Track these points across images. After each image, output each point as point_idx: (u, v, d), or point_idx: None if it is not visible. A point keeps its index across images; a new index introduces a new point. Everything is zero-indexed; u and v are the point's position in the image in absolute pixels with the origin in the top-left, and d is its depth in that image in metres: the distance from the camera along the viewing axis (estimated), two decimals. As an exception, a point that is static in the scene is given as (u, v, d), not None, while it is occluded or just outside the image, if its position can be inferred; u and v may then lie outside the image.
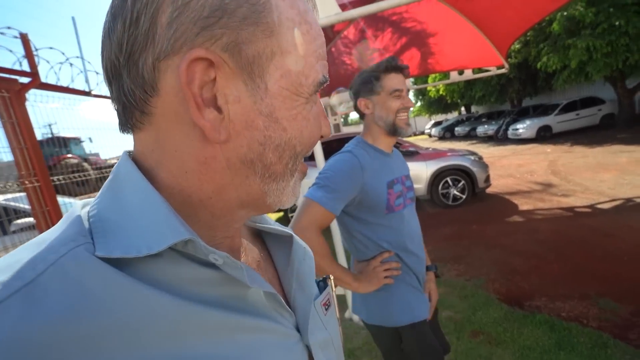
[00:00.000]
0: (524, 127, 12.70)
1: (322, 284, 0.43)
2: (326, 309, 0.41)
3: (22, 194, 2.14)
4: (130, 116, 0.28)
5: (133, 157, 0.30)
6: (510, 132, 13.54)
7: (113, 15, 0.26)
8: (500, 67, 5.74)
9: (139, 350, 0.23)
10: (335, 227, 2.28)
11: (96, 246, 0.24)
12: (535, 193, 5.45)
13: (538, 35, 11.49)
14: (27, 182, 2.01)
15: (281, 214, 5.47)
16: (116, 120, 0.30)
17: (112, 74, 0.27)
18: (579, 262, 2.95)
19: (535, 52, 11.62)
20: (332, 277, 0.45)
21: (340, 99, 6.57)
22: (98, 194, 0.29)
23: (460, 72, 5.95)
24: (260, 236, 0.42)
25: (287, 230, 0.41)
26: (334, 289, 0.45)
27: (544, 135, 12.23)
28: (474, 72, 5.93)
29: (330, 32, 4.88)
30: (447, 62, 5.87)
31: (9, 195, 2.43)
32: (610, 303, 2.30)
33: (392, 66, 1.02)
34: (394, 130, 1.05)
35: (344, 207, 1.00)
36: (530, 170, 7.37)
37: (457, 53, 5.71)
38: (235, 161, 0.28)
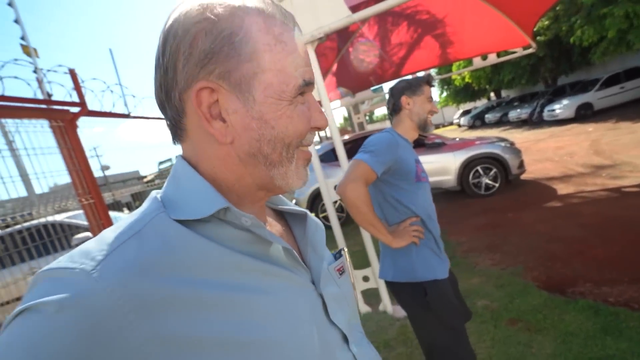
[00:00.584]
0: (561, 107, 11.94)
1: (338, 255, 0.53)
2: (340, 274, 0.50)
3: (79, 212, 2.40)
4: (175, 133, 0.40)
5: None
6: (546, 113, 12.77)
7: (155, 68, 0.38)
8: (527, 47, 5.49)
9: (200, 275, 0.34)
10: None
11: (169, 214, 0.36)
12: (576, 176, 5.15)
13: (568, 9, 10.80)
14: (83, 199, 2.25)
15: (312, 214, 5.58)
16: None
17: (161, 106, 0.40)
18: (627, 244, 2.77)
19: (567, 27, 10.92)
20: (345, 250, 0.54)
21: (364, 97, 6.60)
22: (165, 184, 0.41)
23: (484, 57, 5.74)
24: (283, 216, 0.52)
25: (302, 210, 0.51)
26: (348, 260, 0.53)
27: (585, 114, 11.41)
28: (498, 55, 5.71)
29: (340, 36, 4.93)
30: (468, 49, 5.71)
31: (70, 213, 2.74)
32: (663, 285, 2.16)
33: (431, 82, 1.36)
34: (423, 126, 1.34)
35: (382, 173, 1.21)
36: (570, 152, 6.95)
37: (478, 38, 5.52)
38: (244, 156, 0.38)
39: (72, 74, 2.36)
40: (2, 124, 2.08)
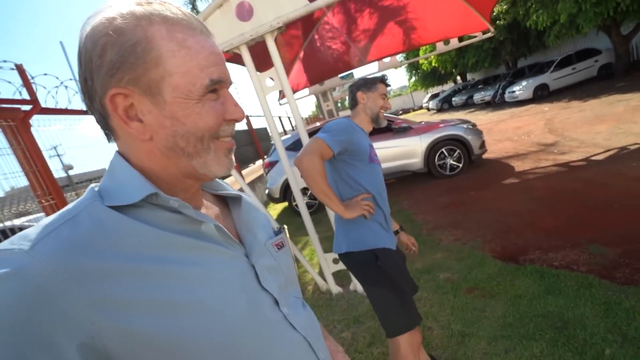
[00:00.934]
0: (520, 89, 12.58)
1: (278, 231, 0.59)
2: (279, 249, 0.57)
3: (41, 214, 2.31)
4: (106, 132, 0.45)
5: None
6: (507, 95, 13.41)
7: (78, 77, 0.42)
8: (486, 31, 5.72)
9: (133, 250, 0.39)
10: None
11: (104, 202, 0.41)
12: (531, 154, 5.52)
13: (525, -7, 11.26)
14: (43, 200, 2.18)
15: (286, 203, 5.65)
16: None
17: (89, 110, 0.44)
18: (572, 213, 3.06)
19: (524, 11, 11.41)
20: (286, 227, 0.61)
21: (332, 85, 6.64)
22: (102, 177, 0.45)
23: (446, 42, 5.93)
24: (224, 200, 0.58)
25: (237, 193, 0.57)
26: (287, 235, 0.60)
27: (542, 94, 12.10)
28: (460, 40, 5.92)
29: (305, 24, 4.90)
30: (430, 34, 5.86)
31: (31, 217, 2.63)
32: (599, 248, 2.42)
33: (385, 81, 1.49)
34: (375, 119, 1.48)
35: (338, 152, 1.32)
36: (528, 131, 7.39)
37: (440, 24, 5.68)
38: (164, 150, 0.43)
39: (20, 69, 2.24)
40: (-56, 126, 1.96)
